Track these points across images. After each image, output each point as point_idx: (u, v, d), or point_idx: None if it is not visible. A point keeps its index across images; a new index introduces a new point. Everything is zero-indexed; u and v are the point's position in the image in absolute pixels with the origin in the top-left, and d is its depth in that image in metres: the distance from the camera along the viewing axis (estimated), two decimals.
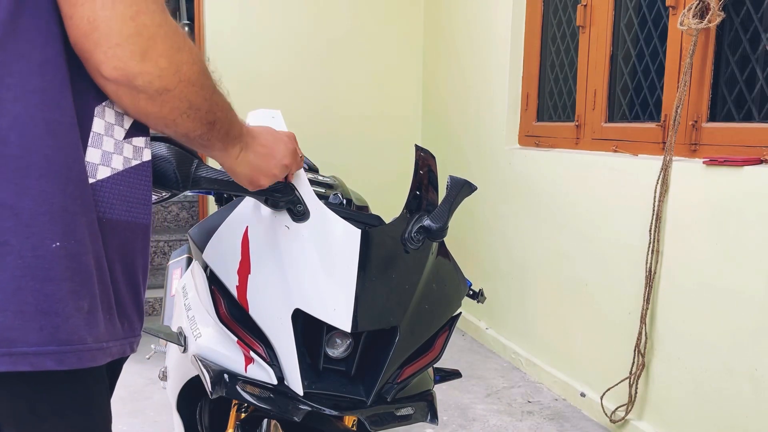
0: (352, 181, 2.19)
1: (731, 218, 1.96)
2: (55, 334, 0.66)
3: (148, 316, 3.77)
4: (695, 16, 2.04)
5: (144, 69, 0.65)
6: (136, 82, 0.66)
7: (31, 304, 0.65)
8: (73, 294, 0.67)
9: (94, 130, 0.72)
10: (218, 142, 0.82)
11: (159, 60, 0.66)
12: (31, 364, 0.65)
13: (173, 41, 0.67)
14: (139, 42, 0.64)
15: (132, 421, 2.53)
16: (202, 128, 0.76)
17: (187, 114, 0.72)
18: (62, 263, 0.66)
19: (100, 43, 0.63)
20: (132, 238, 0.78)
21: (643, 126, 2.42)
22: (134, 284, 0.81)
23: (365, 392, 1.02)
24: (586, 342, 2.66)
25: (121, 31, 0.63)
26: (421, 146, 1.24)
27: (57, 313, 0.66)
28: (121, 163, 0.75)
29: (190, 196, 4.48)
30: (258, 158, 0.90)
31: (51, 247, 0.66)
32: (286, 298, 1.02)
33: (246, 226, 1.12)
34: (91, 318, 0.70)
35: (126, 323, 0.79)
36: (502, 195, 3.25)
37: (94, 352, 0.70)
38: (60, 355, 0.67)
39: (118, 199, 0.75)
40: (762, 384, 1.88)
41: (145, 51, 0.65)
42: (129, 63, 0.64)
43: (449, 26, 3.79)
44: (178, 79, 0.68)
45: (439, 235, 1.09)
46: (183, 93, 0.70)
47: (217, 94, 0.77)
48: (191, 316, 1.22)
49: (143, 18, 0.64)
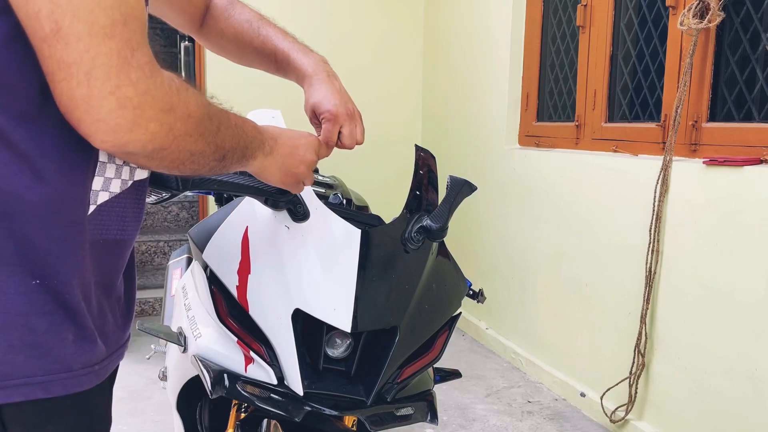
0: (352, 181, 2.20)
1: (731, 218, 1.96)
2: (41, 365, 0.69)
3: (148, 316, 3.77)
4: (695, 16, 2.04)
5: (133, 138, 0.63)
6: (127, 149, 0.64)
7: (18, 339, 0.68)
8: (56, 326, 0.70)
9: (100, 160, 0.72)
10: (235, 165, 0.81)
11: (148, 125, 0.63)
12: (24, 395, 0.69)
13: (162, 103, 0.64)
14: (123, 115, 0.61)
15: (132, 421, 2.53)
16: (211, 164, 0.75)
17: (191, 160, 0.71)
18: (43, 299, 0.69)
19: (82, 120, 0.62)
20: (123, 253, 0.81)
21: (643, 126, 2.42)
22: (124, 296, 0.83)
23: (365, 392, 1.02)
24: (586, 342, 2.66)
25: (101, 107, 0.60)
26: (421, 146, 1.24)
27: (41, 345, 0.69)
28: (119, 186, 0.76)
29: (191, 196, 4.48)
30: (284, 159, 0.91)
31: (32, 284, 0.68)
32: (286, 298, 1.02)
33: (246, 226, 1.12)
34: (78, 346, 0.72)
35: (118, 336, 0.81)
36: (502, 195, 3.25)
37: (81, 378, 0.73)
38: (47, 384, 0.70)
39: (114, 220, 0.77)
40: (762, 384, 1.88)
41: (132, 121, 0.62)
42: (116, 135, 0.62)
43: (449, 26, 3.79)
44: (172, 137, 0.66)
45: (439, 235, 1.09)
46: (180, 146, 0.68)
47: (223, 130, 0.74)
48: (191, 316, 1.22)
49: (124, 91, 0.61)
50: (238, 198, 1.22)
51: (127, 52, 0.61)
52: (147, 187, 0.83)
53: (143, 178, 0.81)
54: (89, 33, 0.59)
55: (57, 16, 0.58)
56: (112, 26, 0.60)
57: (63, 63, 0.59)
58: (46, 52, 0.60)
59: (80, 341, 0.72)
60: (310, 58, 1.08)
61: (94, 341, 0.74)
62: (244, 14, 1.09)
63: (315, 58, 1.08)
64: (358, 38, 4.00)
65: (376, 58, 4.06)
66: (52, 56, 0.60)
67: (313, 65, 1.07)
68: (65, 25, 0.58)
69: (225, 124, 0.75)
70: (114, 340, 0.80)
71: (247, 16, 1.09)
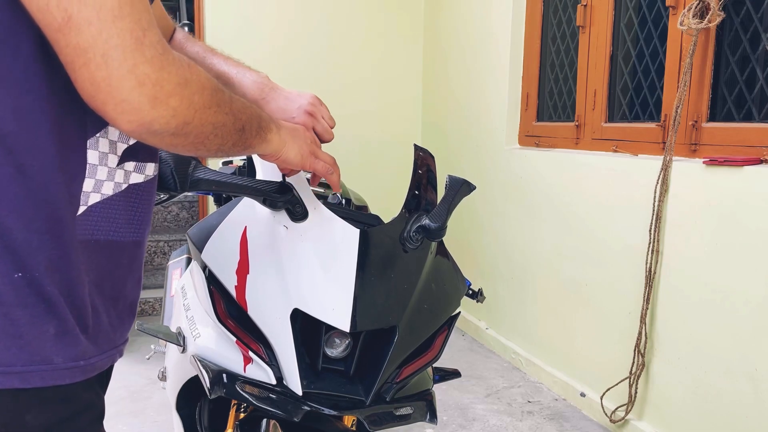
0: (352, 180, 2.20)
1: (731, 218, 1.96)
2: (20, 355, 0.70)
3: (148, 316, 3.77)
4: (695, 16, 2.04)
5: (157, 114, 0.66)
6: (153, 127, 0.67)
7: (0, 328, 0.69)
8: (36, 319, 0.71)
9: (90, 162, 0.74)
10: (255, 139, 0.84)
11: (170, 101, 0.66)
12: (0, 383, 0.70)
13: (179, 77, 0.67)
14: (144, 92, 0.64)
15: (132, 421, 2.53)
16: (234, 137, 0.78)
17: (214, 134, 0.74)
18: (24, 291, 0.70)
19: (107, 102, 0.64)
20: (118, 255, 0.81)
21: (643, 126, 2.42)
22: (121, 297, 0.83)
23: (364, 392, 1.02)
24: (586, 342, 2.66)
25: (122, 86, 0.63)
26: (420, 146, 1.24)
27: (21, 336, 0.70)
28: (111, 188, 0.77)
29: (190, 196, 4.48)
30: (294, 133, 0.95)
31: (14, 276, 0.69)
32: (284, 298, 1.02)
33: (245, 226, 1.12)
34: (59, 340, 0.73)
35: (111, 336, 0.82)
36: (501, 195, 3.25)
37: (62, 371, 0.73)
38: (25, 375, 0.71)
39: (106, 221, 0.78)
40: (762, 384, 1.87)
41: (154, 97, 0.65)
42: (140, 113, 0.65)
43: (449, 26, 3.79)
44: (193, 111, 0.69)
45: (438, 234, 1.09)
46: (203, 119, 0.71)
47: (234, 101, 0.78)
48: (190, 316, 1.22)
49: (142, 68, 0.63)
50: (237, 198, 1.22)
51: (139, 32, 0.63)
52: (146, 191, 0.83)
53: (139, 182, 0.81)
54: (98, 17, 0.61)
55: (65, 4, 0.60)
56: (120, 8, 0.62)
57: (79, 49, 0.62)
58: (63, 42, 0.62)
59: (62, 335, 0.73)
60: (252, 75, 1.15)
61: (76, 336, 0.75)
62: (195, 47, 1.16)
63: (256, 75, 1.16)
64: (359, 38, 4.00)
65: (376, 58, 4.06)
66: (68, 45, 0.62)
67: (256, 80, 1.14)
68: (75, 12, 0.61)
69: (233, 96, 0.78)
70: (107, 339, 0.81)
71: (197, 48, 1.15)
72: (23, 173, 0.68)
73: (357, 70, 4.02)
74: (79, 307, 0.75)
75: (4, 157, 0.67)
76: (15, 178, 0.68)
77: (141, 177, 0.82)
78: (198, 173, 0.96)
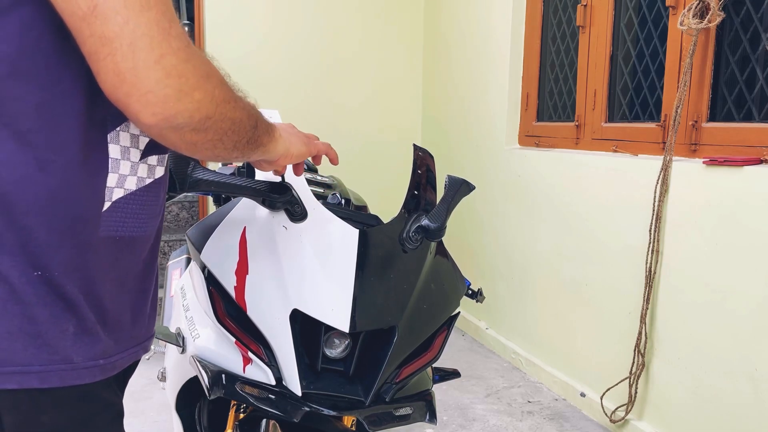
0: (351, 180, 2.20)
1: (731, 218, 1.96)
2: (38, 355, 0.69)
3: None
4: (695, 16, 2.04)
5: (182, 107, 0.65)
6: (177, 121, 0.65)
7: (17, 327, 0.68)
8: (55, 318, 0.70)
9: (112, 157, 0.73)
10: (266, 136, 0.84)
11: (194, 94, 0.65)
12: (18, 383, 0.69)
13: (202, 70, 0.66)
14: (170, 84, 0.63)
15: (132, 421, 2.53)
16: (249, 133, 0.77)
17: (231, 130, 0.73)
18: (43, 290, 0.69)
19: (131, 94, 0.63)
20: (141, 250, 0.80)
21: (643, 126, 2.42)
22: (144, 292, 0.83)
23: (364, 392, 1.02)
24: (586, 342, 2.66)
25: (149, 77, 0.62)
26: (420, 146, 1.24)
27: (40, 335, 0.69)
28: (135, 183, 0.76)
29: (190, 197, 4.48)
30: (284, 127, 0.96)
31: (33, 275, 0.68)
32: (284, 298, 1.02)
33: (244, 226, 1.12)
34: (79, 339, 0.72)
35: (134, 333, 0.81)
36: (501, 195, 3.25)
37: (81, 371, 0.73)
38: (43, 374, 0.70)
39: (131, 216, 0.77)
40: (762, 384, 1.87)
41: (179, 90, 0.64)
42: (165, 106, 0.64)
43: (449, 26, 3.78)
44: (215, 105, 0.68)
45: (437, 234, 1.09)
46: (223, 114, 0.70)
47: (243, 98, 0.78)
48: (189, 316, 1.22)
49: (169, 59, 0.62)
50: (236, 198, 1.22)
51: (166, 23, 0.63)
52: (162, 186, 0.83)
53: (159, 177, 0.81)
54: (125, 6, 0.60)
55: None
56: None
57: (105, 38, 0.61)
58: (87, 32, 0.61)
59: (81, 334, 0.72)
60: None
61: (96, 335, 0.74)
62: None
63: None
64: (358, 38, 4.00)
65: (376, 58, 4.06)
66: (93, 34, 0.61)
67: None
68: (101, 1, 0.60)
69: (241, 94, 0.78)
70: (130, 336, 0.80)
71: None
72: (44, 170, 0.67)
73: (357, 70, 4.02)
74: (99, 305, 0.74)
75: (25, 154, 0.66)
76: (36, 175, 0.67)
77: (162, 170, 0.81)
78: (197, 174, 0.96)
